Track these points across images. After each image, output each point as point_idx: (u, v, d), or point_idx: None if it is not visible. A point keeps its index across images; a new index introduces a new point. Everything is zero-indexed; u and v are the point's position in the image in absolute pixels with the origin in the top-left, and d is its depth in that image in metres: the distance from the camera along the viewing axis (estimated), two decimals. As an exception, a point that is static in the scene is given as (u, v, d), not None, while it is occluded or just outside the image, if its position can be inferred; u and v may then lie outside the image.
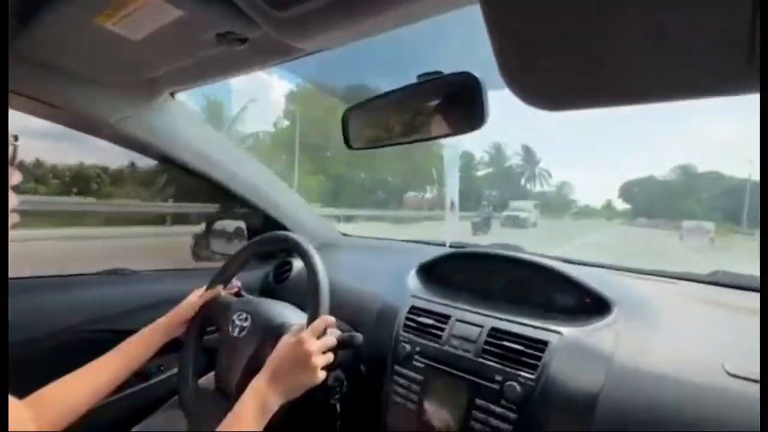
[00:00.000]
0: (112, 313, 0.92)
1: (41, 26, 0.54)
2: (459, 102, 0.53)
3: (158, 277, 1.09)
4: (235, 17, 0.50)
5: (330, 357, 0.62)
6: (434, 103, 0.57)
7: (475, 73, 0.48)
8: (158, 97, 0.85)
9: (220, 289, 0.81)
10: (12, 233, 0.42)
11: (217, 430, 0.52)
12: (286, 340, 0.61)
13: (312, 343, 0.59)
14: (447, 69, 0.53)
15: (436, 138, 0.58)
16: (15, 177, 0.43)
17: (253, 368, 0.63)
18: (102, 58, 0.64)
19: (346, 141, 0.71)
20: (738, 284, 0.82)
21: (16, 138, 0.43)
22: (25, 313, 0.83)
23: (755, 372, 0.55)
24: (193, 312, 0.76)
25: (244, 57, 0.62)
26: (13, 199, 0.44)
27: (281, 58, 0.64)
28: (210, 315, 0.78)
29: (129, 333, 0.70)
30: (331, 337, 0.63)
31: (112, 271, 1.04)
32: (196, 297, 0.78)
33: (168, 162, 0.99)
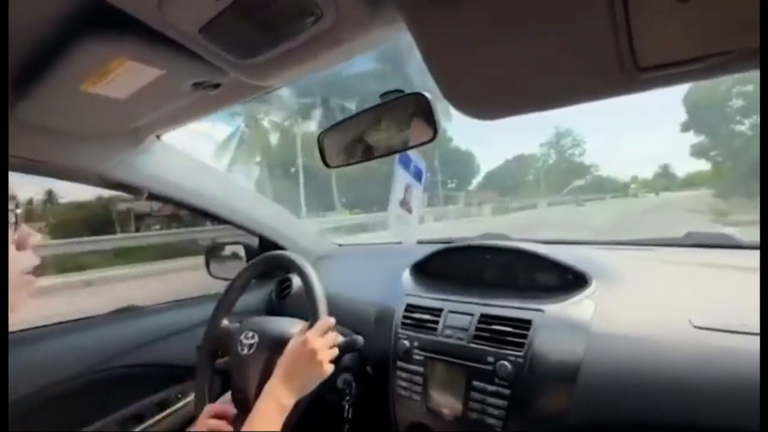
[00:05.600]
0: (127, 349, 0.97)
1: (34, 95, 0.59)
2: (416, 117, 0.59)
3: (164, 309, 1.13)
4: (208, 68, 0.55)
5: (335, 351, 0.67)
6: (397, 119, 0.63)
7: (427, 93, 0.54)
8: (144, 141, 0.90)
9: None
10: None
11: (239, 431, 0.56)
12: (293, 343, 0.66)
13: (317, 340, 0.64)
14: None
15: (402, 150, 0.64)
16: (33, 238, 0.44)
17: (266, 381, 0.66)
18: (89, 117, 0.69)
19: (324, 160, 0.76)
20: (710, 243, 0.88)
21: (16, 205, 0.43)
22: (51, 356, 0.88)
23: (718, 322, 0.60)
24: None
25: (218, 98, 0.68)
26: (34, 260, 0.44)
27: (251, 95, 0.70)
28: (219, 344, 0.81)
29: (144, 367, 0.72)
30: (334, 333, 0.68)
31: (123, 309, 1.09)
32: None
33: (161, 199, 1.04)
